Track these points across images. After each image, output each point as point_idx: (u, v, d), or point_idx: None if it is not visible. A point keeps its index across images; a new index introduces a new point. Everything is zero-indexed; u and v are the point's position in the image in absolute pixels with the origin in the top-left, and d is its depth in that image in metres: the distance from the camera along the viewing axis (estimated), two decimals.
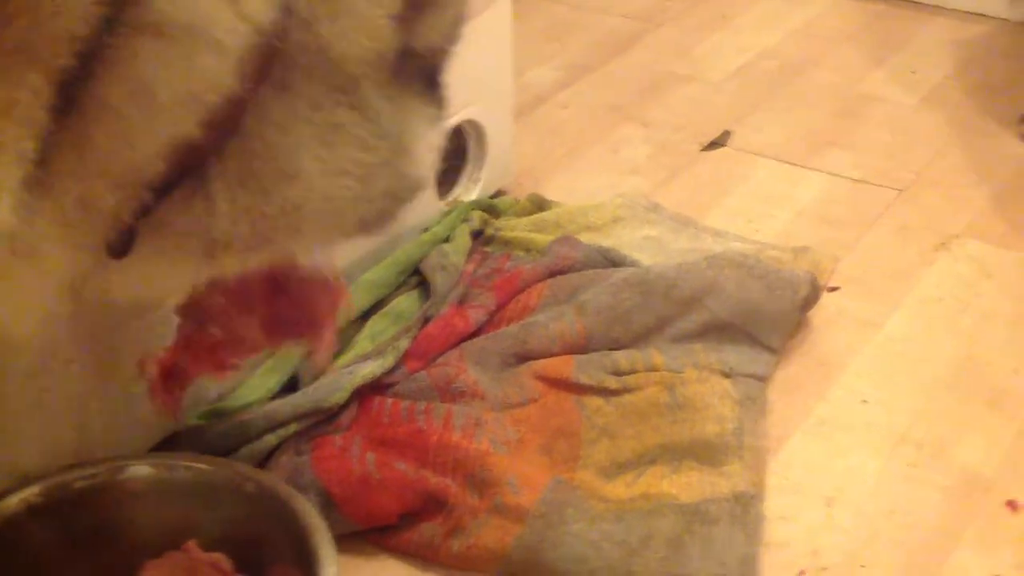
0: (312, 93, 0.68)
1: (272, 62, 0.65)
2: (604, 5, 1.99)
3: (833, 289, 1.34)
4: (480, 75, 1.37)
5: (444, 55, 0.78)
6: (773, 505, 1.07)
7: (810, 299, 1.27)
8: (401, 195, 0.74)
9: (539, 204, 1.42)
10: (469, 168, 1.43)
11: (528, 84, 1.75)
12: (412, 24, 0.71)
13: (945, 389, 1.22)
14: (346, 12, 0.67)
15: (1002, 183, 1.53)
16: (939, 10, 1.92)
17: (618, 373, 1.16)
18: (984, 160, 1.58)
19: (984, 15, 1.88)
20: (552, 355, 1.17)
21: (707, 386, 1.14)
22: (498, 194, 1.47)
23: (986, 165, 1.57)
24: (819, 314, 1.30)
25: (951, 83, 1.75)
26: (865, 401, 1.20)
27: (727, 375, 1.17)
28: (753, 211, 1.49)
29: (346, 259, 1.16)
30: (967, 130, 1.64)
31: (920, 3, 1.94)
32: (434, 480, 0.99)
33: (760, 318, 1.22)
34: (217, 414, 1.05)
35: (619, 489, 1.03)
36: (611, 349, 1.19)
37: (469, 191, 1.43)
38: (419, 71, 0.75)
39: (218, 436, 1.01)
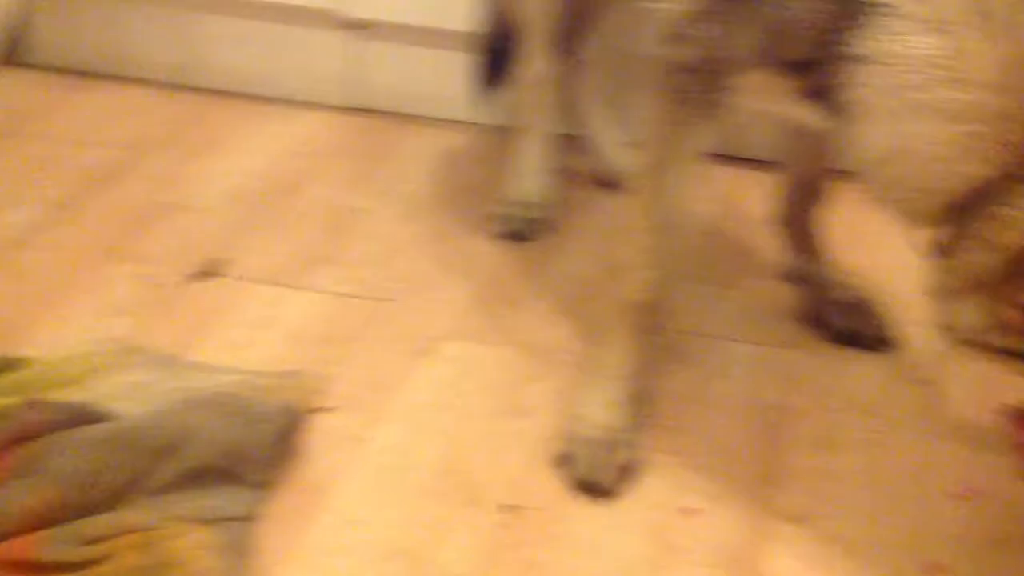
0: None
1: None
2: (84, 137, 1.93)
3: (324, 410, 1.37)
4: None
5: None
6: None
7: (294, 426, 1.28)
8: None
9: (5, 365, 1.34)
10: None
11: (1, 229, 1.66)
12: None
13: (430, 495, 1.28)
14: None
15: (481, 282, 1.64)
16: (421, 120, 2.03)
17: (92, 541, 1.11)
18: (465, 262, 1.69)
19: (460, 122, 2.02)
20: (20, 534, 1.10)
21: (186, 540, 1.12)
22: None
23: (467, 266, 1.67)
24: (309, 438, 1.32)
25: (432, 190, 1.86)
26: (354, 521, 1.23)
27: (209, 522, 1.15)
28: (245, 339, 1.50)
29: None
30: (447, 234, 1.74)
31: (403, 115, 2.04)
32: None
33: (241, 456, 1.22)
34: None
35: None
36: (85, 516, 1.14)
37: None
38: None
39: None
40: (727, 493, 1.29)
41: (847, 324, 1.52)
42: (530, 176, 1.77)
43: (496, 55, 1.78)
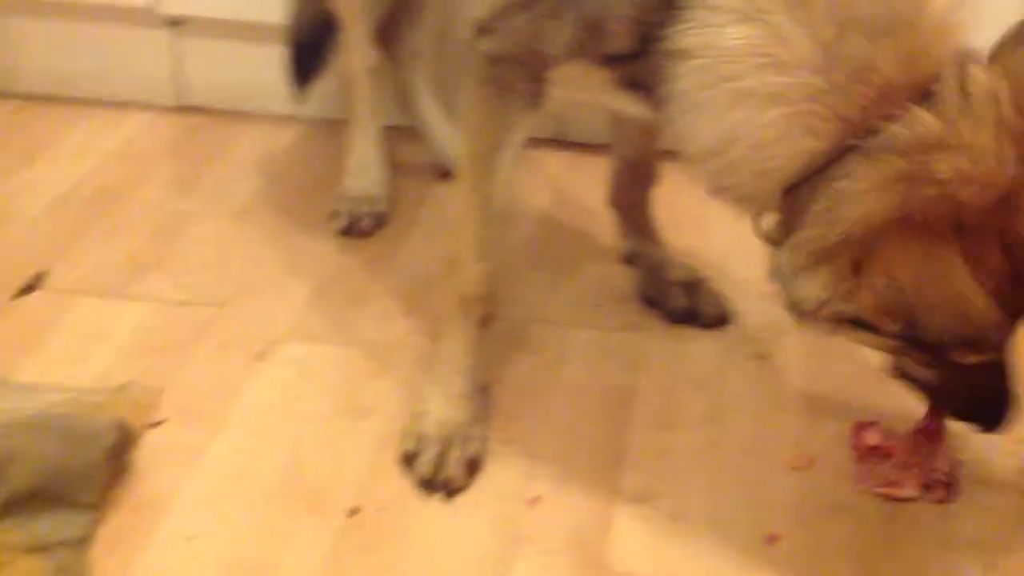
0: None
1: None
2: None
3: (156, 424, 1.32)
4: None
5: None
6: None
7: (126, 443, 1.24)
8: None
9: None
10: None
11: None
12: None
13: (272, 502, 1.25)
14: None
15: (319, 280, 1.61)
16: (250, 117, 1.98)
17: None
18: (302, 261, 1.65)
19: (291, 117, 1.97)
20: None
21: (16, 568, 1.08)
22: None
23: (304, 265, 1.64)
24: (142, 453, 1.28)
25: (266, 189, 1.82)
26: (193, 536, 1.20)
27: (39, 549, 1.10)
28: (73, 355, 1.44)
29: None
30: (285, 234, 1.71)
31: (232, 112, 1.99)
32: None
33: (71, 477, 1.17)
34: None
35: None
36: None
37: None
38: None
39: None
40: (572, 478, 1.30)
41: (684, 303, 1.55)
42: (366, 170, 1.75)
43: (306, 47, 1.74)
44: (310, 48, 1.72)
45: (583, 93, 1.25)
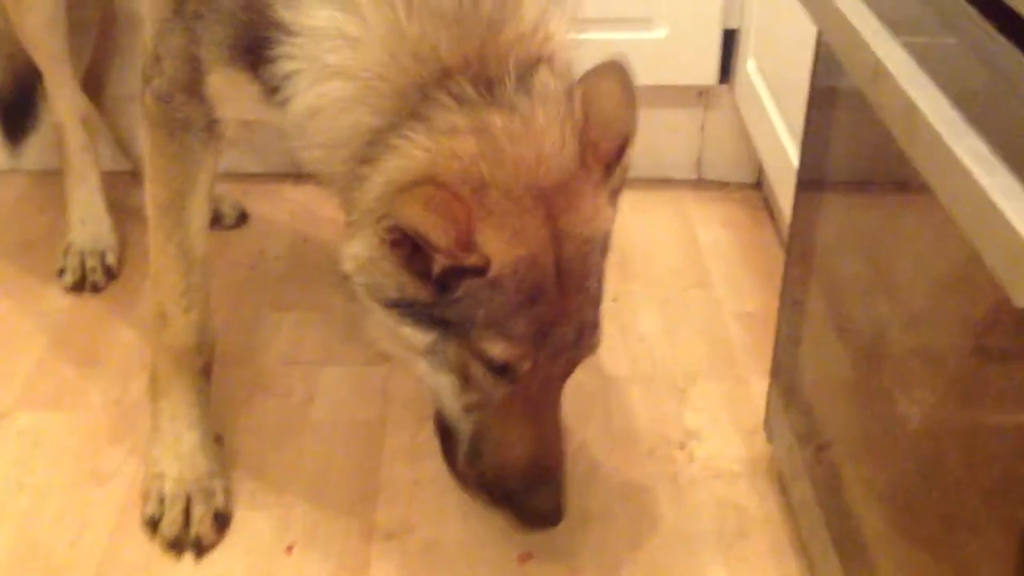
0: None
1: None
2: None
3: None
4: None
5: None
6: None
7: None
8: None
9: None
10: None
11: None
12: None
13: None
14: None
15: (49, 342, 1.53)
16: None
17: None
18: (28, 322, 1.57)
19: (13, 170, 1.87)
20: None
21: None
22: None
23: (31, 327, 1.56)
24: None
25: None
26: None
27: None
28: None
29: None
30: (8, 294, 1.62)
31: None
32: None
33: None
34: None
35: None
36: None
37: None
38: None
39: None
40: (327, 521, 1.28)
41: None
42: (89, 222, 1.67)
43: (12, 101, 1.65)
44: (17, 101, 1.63)
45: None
